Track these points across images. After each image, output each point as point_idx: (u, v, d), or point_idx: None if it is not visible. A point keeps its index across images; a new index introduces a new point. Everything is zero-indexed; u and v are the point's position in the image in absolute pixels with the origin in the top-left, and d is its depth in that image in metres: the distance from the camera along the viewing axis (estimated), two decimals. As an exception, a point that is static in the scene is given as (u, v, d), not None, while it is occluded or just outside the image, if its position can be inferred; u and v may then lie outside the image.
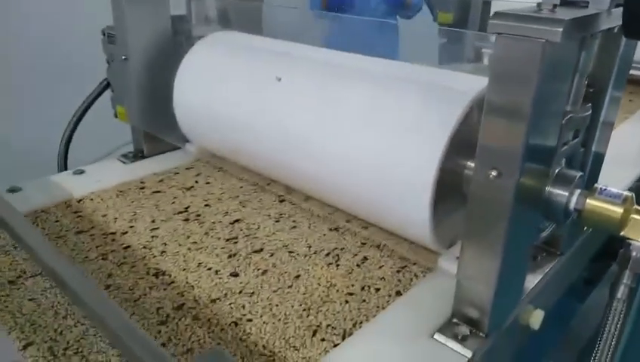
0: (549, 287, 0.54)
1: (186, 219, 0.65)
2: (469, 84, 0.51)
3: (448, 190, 0.50)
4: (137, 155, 0.83)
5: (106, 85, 0.92)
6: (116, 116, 0.88)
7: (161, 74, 0.78)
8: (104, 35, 0.83)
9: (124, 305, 0.49)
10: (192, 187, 0.73)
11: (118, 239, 0.60)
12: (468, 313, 0.45)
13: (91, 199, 0.69)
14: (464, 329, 0.45)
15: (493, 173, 0.39)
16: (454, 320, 0.46)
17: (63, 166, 0.95)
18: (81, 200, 0.69)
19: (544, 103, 0.38)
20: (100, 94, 0.94)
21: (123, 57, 0.78)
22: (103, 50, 0.85)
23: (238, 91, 0.69)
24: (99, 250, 0.58)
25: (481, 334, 0.45)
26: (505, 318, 0.47)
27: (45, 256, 0.44)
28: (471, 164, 0.49)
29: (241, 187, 0.73)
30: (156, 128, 0.82)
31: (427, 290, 0.51)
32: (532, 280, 0.52)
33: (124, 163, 0.81)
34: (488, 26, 0.37)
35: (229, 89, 0.70)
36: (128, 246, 0.59)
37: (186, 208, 0.67)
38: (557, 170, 0.46)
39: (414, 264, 0.56)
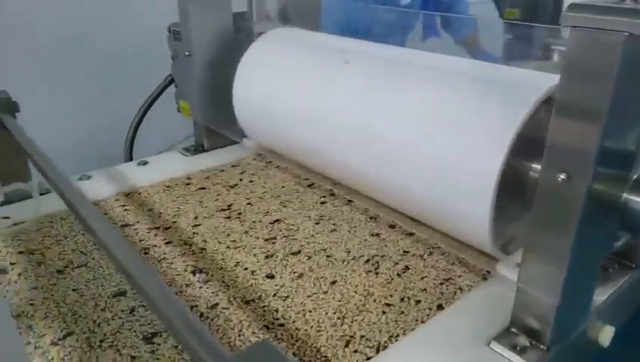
0: (621, 302, 0.50)
1: (228, 217, 0.65)
2: (537, 82, 0.48)
3: (511, 193, 0.47)
4: (198, 149, 0.85)
5: (171, 81, 0.94)
6: (179, 111, 0.90)
7: (222, 70, 0.79)
8: (170, 32, 0.85)
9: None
10: (237, 185, 0.73)
11: (159, 234, 0.61)
12: (528, 323, 0.43)
13: (146, 191, 0.71)
14: (523, 340, 0.43)
15: (562, 177, 0.37)
16: (512, 330, 0.44)
17: (129, 156, 1.00)
18: (129, 194, 0.71)
19: (623, 102, 0.35)
20: (164, 89, 0.97)
21: (187, 53, 0.80)
22: (168, 46, 0.87)
23: (298, 87, 0.68)
24: (142, 243, 0.59)
25: (542, 347, 0.42)
26: (570, 332, 0.43)
27: (110, 243, 0.43)
28: (537, 167, 0.46)
29: (283, 187, 0.72)
30: (216, 123, 0.84)
31: (478, 299, 0.49)
32: (603, 294, 0.48)
33: (185, 155, 0.84)
34: (561, 19, 0.35)
35: (288, 85, 0.70)
36: (169, 242, 0.59)
37: (229, 206, 0.67)
38: (636, 176, 0.42)
39: (459, 276, 0.52)
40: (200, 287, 0.51)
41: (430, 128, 0.53)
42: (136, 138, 1.02)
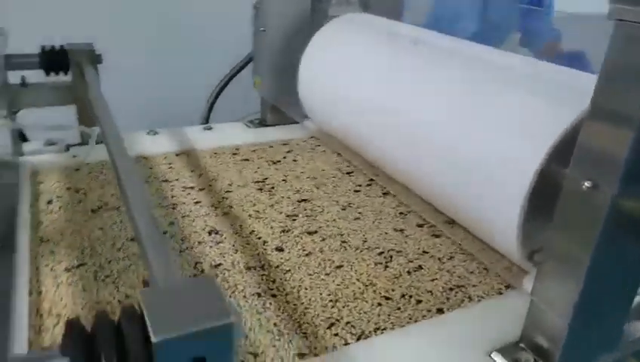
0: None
1: (260, 189, 0.65)
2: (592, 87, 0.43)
3: (546, 199, 0.43)
4: (262, 123, 0.89)
5: (252, 57, 0.97)
6: (254, 87, 0.93)
7: (293, 50, 0.80)
8: (254, 8, 0.88)
9: (170, 254, 0.51)
10: (279, 161, 0.74)
11: (192, 193, 0.63)
12: (538, 340, 0.39)
13: (196, 154, 0.74)
14: (527, 356, 0.39)
15: (587, 184, 0.34)
16: (521, 345, 0.40)
17: (206, 120, 1.05)
18: (180, 153, 0.75)
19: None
20: (247, 64, 1.00)
21: (261, 29, 0.82)
22: (252, 23, 0.90)
23: (361, 74, 0.68)
24: (173, 199, 0.62)
25: None
26: (587, 360, 0.39)
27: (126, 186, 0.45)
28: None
29: (323, 170, 0.72)
30: (280, 101, 0.86)
31: (486, 311, 0.46)
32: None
33: (248, 127, 0.87)
34: (608, 12, 0.32)
35: (352, 70, 0.69)
36: (198, 202, 0.61)
37: (264, 179, 0.68)
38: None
39: (473, 286, 0.49)
40: (210, 247, 0.53)
41: (472, 122, 0.50)
42: (216, 105, 1.06)
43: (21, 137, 0.77)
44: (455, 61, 0.58)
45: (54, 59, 0.69)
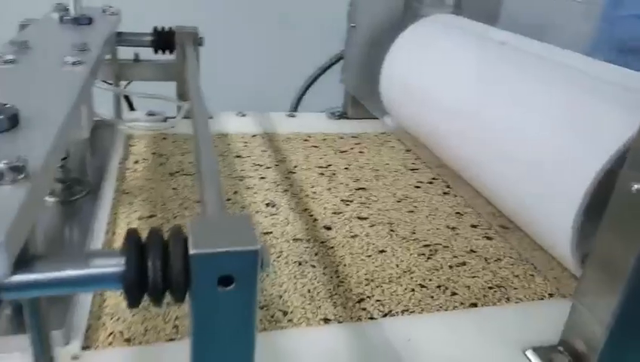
0: None
1: (322, 173, 0.68)
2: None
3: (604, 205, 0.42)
4: (342, 115, 0.92)
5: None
6: (341, 82, 0.97)
7: (381, 47, 0.82)
8: (350, 5, 0.92)
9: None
10: (346, 151, 0.77)
11: (259, 170, 0.68)
12: (575, 344, 0.38)
13: (272, 136, 0.79)
14: (563, 359, 0.39)
15: (637, 187, 0.33)
16: (559, 348, 0.40)
17: (295, 108, 1.11)
18: (257, 135, 0.80)
19: None
20: (339, 60, 1.04)
21: (351, 25, 0.86)
22: (347, 20, 0.94)
23: (444, 74, 0.68)
24: (242, 173, 0.67)
25: None
26: None
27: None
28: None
29: (387, 164, 0.73)
30: (362, 95, 0.88)
31: (526, 313, 0.45)
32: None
33: (328, 118, 0.91)
34: None
35: (435, 71, 0.70)
36: (263, 178, 0.66)
37: (328, 165, 0.71)
38: None
39: (515, 288, 0.48)
40: (265, 217, 0.56)
41: (540, 120, 0.49)
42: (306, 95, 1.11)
43: (130, 106, 0.87)
44: (537, 65, 0.57)
45: (163, 39, 0.76)
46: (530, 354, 0.40)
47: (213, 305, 0.23)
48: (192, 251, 0.22)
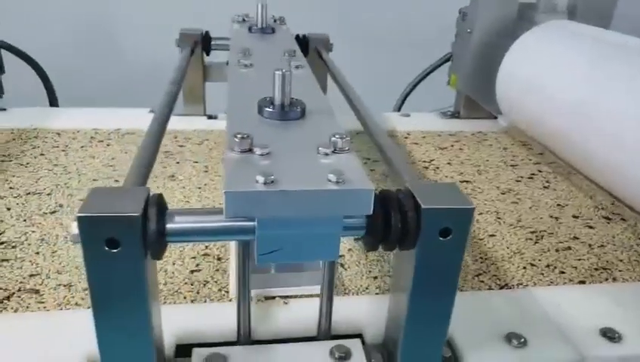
0: None
1: (426, 168, 0.75)
2: None
3: None
4: (454, 115, 0.99)
5: (450, 57, 1.08)
6: (448, 83, 1.04)
7: (496, 50, 0.88)
8: (460, 13, 0.99)
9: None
10: (445, 148, 0.83)
11: (368, 164, 0.76)
12: None
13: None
14: None
15: None
16: None
17: (398, 108, 1.19)
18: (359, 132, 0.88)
19: None
20: (444, 62, 1.11)
21: (468, 30, 0.92)
22: (455, 26, 1.00)
23: (562, 74, 0.72)
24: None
25: None
26: None
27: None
28: None
29: (487, 160, 0.79)
30: (478, 95, 0.95)
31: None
32: None
33: (440, 118, 0.98)
34: None
35: (553, 71, 0.74)
36: (373, 170, 0.74)
37: (431, 160, 0.78)
38: None
39: (620, 271, 0.52)
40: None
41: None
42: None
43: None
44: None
45: (299, 44, 0.86)
46: None
47: (434, 254, 0.30)
48: (423, 206, 0.29)
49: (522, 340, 0.40)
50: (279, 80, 0.35)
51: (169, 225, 0.28)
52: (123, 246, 0.26)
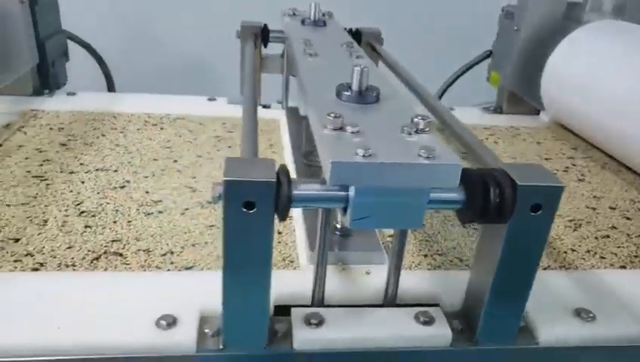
0: None
1: (463, 158, 0.78)
2: None
3: None
4: (496, 110, 1.03)
5: (489, 55, 1.10)
6: (488, 80, 1.07)
7: (542, 47, 0.91)
8: (502, 11, 1.01)
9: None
10: (482, 140, 0.86)
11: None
12: None
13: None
14: None
15: None
16: None
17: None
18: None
19: None
20: (483, 60, 1.13)
21: (515, 28, 0.95)
22: (498, 24, 1.03)
23: (610, 72, 0.75)
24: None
25: None
26: None
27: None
28: None
29: (523, 153, 0.82)
30: (523, 91, 0.98)
31: None
32: None
33: (481, 113, 1.02)
34: None
35: (600, 69, 0.77)
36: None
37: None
38: None
39: (658, 259, 0.55)
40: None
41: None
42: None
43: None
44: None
45: (356, 39, 0.87)
46: None
47: (524, 228, 0.33)
48: (519, 183, 0.33)
49: (591, 315, 0.43)
50: (357, 73, 0.39)
51: (295, 192, 0.32)
52: (258, 207, 0.30)
